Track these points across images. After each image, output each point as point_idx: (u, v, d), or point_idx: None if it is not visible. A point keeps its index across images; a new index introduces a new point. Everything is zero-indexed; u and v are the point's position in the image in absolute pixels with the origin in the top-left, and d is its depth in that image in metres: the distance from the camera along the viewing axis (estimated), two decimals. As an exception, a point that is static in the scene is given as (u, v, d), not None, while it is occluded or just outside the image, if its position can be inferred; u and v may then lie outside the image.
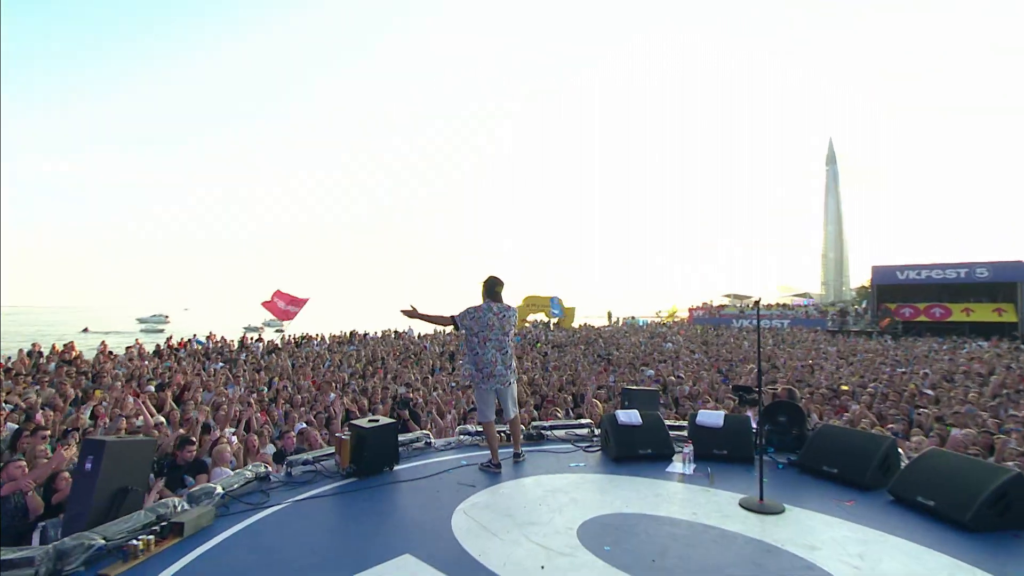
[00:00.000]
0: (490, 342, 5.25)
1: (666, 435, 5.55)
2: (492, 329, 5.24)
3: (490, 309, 5.27)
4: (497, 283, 5.40)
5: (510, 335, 5.38)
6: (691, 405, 9.19)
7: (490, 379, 5.26)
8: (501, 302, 5.37)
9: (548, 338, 24.18)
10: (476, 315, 5.27)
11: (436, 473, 5.08)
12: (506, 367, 5.28)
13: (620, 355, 17.22)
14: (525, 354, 18.87)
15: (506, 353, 5.30)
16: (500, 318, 5.27)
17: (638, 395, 6.99)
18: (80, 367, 12.85)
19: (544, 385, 12.40)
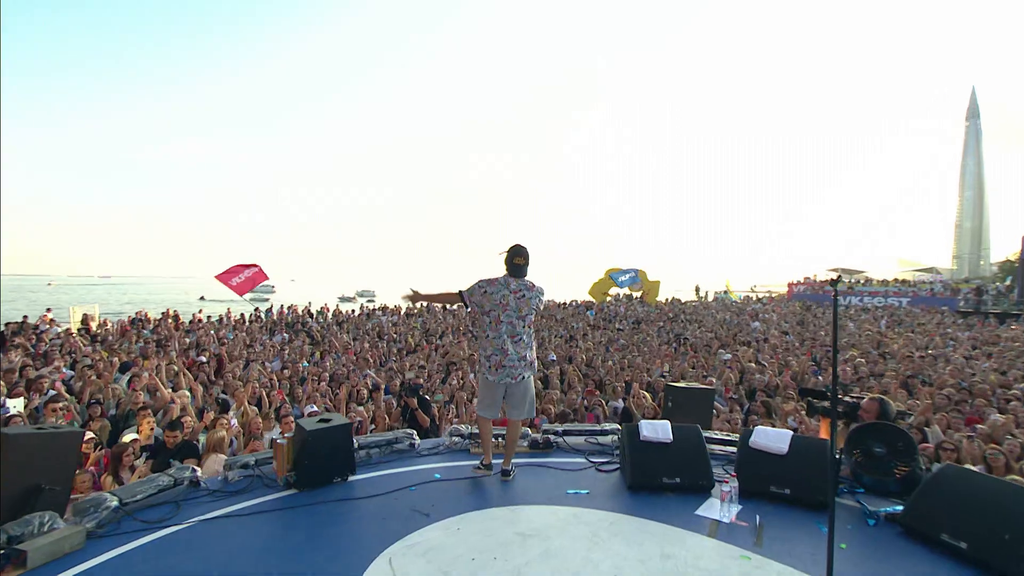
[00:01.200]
0: (502, 325, 4.11)
1: (704, 460, 3.99)
2: (505, 309, 4.11)
3: (506, 285, 4.15)
4: (519, 254, 4.19)
5: (528, 319, 4.20)
6: (766, 403, 7.35)
7: (498, 370, 4.12)
8: (523, 278, 4.21)
9: (625, 313, 22.35)
10: (489, 290, 4.15)
11: (395, 490, 3.95)
12: (520, 358, 4.13)
13: (698, 335, 15.14)
14: (595, 330, 17.32)
15: (520, 341, 4.14)
16: (518, 297, 4.12)
17: (685, 395, 5.40)
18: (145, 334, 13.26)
19: (601, 367, 10.92)
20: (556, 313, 22.87)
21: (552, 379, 9.75)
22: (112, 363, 9.17)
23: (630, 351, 12.70)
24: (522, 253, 4.20)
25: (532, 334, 4.27)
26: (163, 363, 9.53)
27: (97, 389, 7.77)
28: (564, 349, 13.39)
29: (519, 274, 4.20)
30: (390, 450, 4.81)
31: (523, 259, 4.20)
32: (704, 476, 3.92)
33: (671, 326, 17.95)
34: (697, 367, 10.36)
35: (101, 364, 8.79)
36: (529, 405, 4.27)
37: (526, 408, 4.25)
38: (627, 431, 4.18)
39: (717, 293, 30.21)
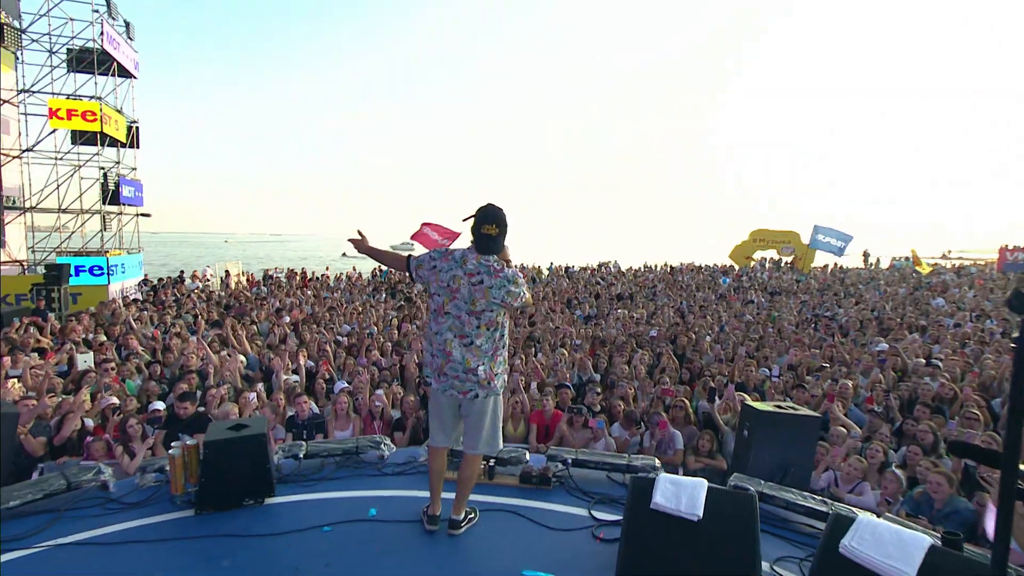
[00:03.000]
0: (446, 318, 2.89)
1: (753, 557, 2.40)
2: (454, 296, 2.87)
3: (461, 262, 2.89)
4: (489, 219, 2.86)
5: (487, 318, 2.86)
6: (932, 428, 5.08)
7: (440, 377, 2.91)
8: (492, 255, 2.89)
9: (764, 281, 19.16)
10: (439, 265, 2.94)
11: (306, 529, 2.99)
12: (468, 370, 2.86)
13: (852, 314, 12.04)
14: (721, 302, 14.88)
15: (471, 346, 2.86)
16: (472, 283, 2.84)
17: (771, 424, 3.65)
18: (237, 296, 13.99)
19: (709, 351, 8.98)
20: (683, 278, 20.43)
21: (639, 366, 8.14)
22: (200, 324, 9.59)
23: (754, 332, 10.40)
24: (494, 218, 2.84)
25: (498, 340, 2.92)
26: (238, 324, 9.75)
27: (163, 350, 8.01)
28: (675, 325, 11.48)
29: (487, 249, 2.87)
30: (344, 461, 3.87)
31: (495, 228, 2.83)
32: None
33: (818, 301, 14.73)
34: (836, 360, 7.95)
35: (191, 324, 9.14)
36: (488, 436, 2.98)
37: (483, 439, 2.98)
38: (633, 488, 2.71)
39: (895, 260, 24.85)
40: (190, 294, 13.43)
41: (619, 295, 16.05)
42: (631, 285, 18.33)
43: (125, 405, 5.91)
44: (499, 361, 2.92)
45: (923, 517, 3.83)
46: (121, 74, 16.11)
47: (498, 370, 2.91)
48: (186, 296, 13.06)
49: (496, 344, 2.89)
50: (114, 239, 16.81)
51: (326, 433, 5.85)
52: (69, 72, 15.13)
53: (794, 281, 19.06)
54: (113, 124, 14.85)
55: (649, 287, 17.83)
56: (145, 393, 6.55)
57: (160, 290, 14.40)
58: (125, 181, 16.19)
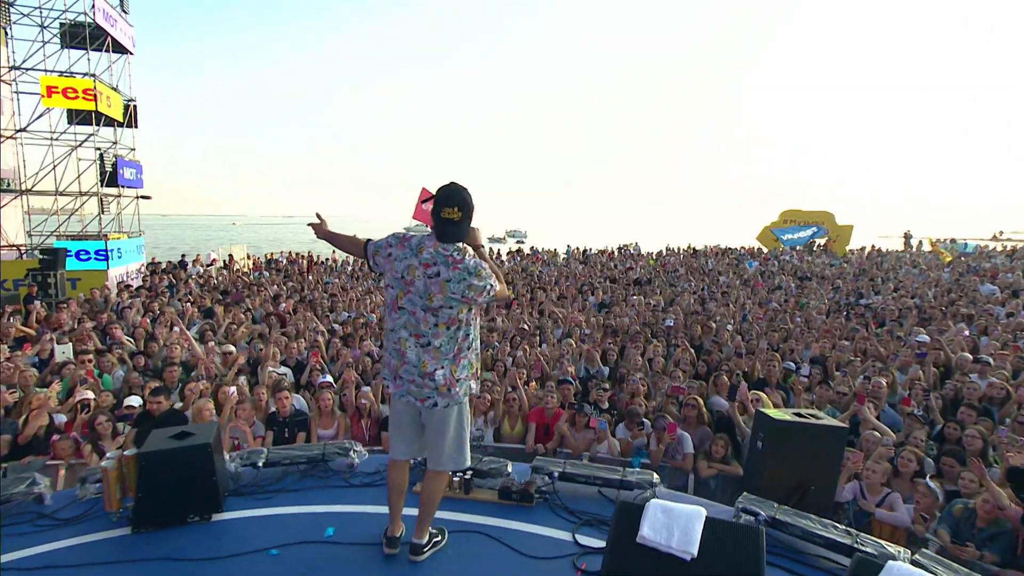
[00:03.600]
0: (400, 314, 2.59)
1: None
2: (408, 289, 2.56)
3: (416, 250, 2.56)
4: (448, 201, 2.52)
5: (446, 315, 2.54)
6: (982, 434, 4.65)
7: (397, 381, 2.63)
8: (450, 244, 2.55)
9: (795, 266, 18.47)
10: (392, 253, 2.63)
11: (250, 552, 2.74)
12: (424, 375, 2.56)
13: (890, 301, 11.39)
14: (745, 287, 14.33)
15: (427, 347, 2.55)
16: (428, 274, 2.51)
17: (788, 435, 3.28)
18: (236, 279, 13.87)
19: (730, 343, 8.55)
20: (706, 262, 19.85)
21: (656, 358, 7.76)
22: (192, 312, 9.47)
23: (780, 321, 9.91)
24: (455, 200, 2.50)
25: (462, 341, 2.60)
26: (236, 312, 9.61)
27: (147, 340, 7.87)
28: (694, 314, 11.05)
29: (447, 236, 2.53)
30: (319, 470, 3.61)
31: (457, 211, 2.49)
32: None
33: (852, 287, 14.08)
34: (869, 354, 7.46)
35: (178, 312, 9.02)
36: (452, 450, 2.68)
37: (445, 453, 2.68)
38: (619, 516, 2.39)
39: (938, 241, 23.83)
40: (187, 280, 13.36)
41: (637, 280, 15.60)
42: (650, 270, 17.84)
43: (100, 400, 5.77)
44: (462, 365, 2.60)
45: (970, 545, 3.45)
46: (116, 50, 15.96)
47: (461, 375, 2.60)
48: (183, 282, 12.99)
49: (459, 345, 2.58)
50: (114, 222, 16.85)
51: (309, 432, 5.65)
52: (62, 48, 15.04)
53: (827, 265, 18.34)
54: (107, 102, 14.74)
55: (670, 271, 17.32)
56: (127, 386, 6.43)
57: (156, 275, 14.39)
58: (123, 162, 16.15)
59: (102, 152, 15.63)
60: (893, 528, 4.07)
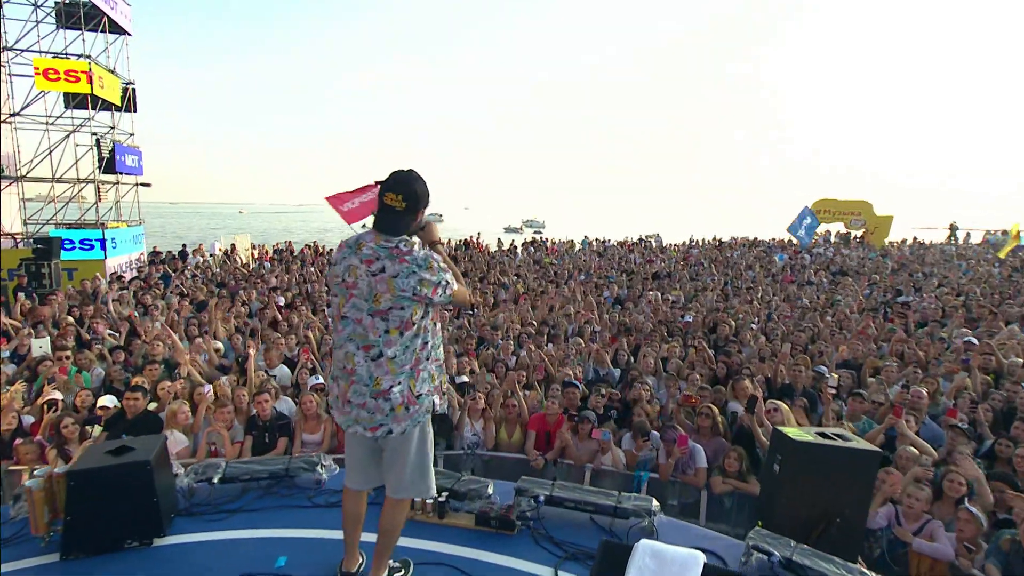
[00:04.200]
0: (345, 324, 2.33)
1: None
2: (351, 293, 2.29)
3: (356, 248, 2.31)
4: (394, 187, 2.26)
5: (397, 318, 2.28)
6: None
7: (345, 407, 2.37)
8: (394, 237, 2.29)
9: (828, 259, 17.85)
10: (334, 257, 2.45)
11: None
12: (377, 394, 2.29)
13: (931, 299, 10.80)
14: (774, 283, 13.85)
15: (379, 359, 2.28)
16: (371, 272, 2.24)
17: (811, 458, 2.94)
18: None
19: (751, 343, 8.16)
20: (731, 254, 19.32)
21: (672, 358, 7.42)
22: (183, 305, 9.34)
23: (809, 320, 9.45)
24: (399, 186, 2.24)
25: (420, 349, 2.33)
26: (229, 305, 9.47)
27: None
28: (715, 311, 10.64)
29: (389, 227, 2.27)
30: (282, 486, 3.38)
31: (400, 199, 2.23)
32: None
33: (891, 282, 13.49)
34: (909, 359, 7.01)
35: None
36: (413, 476, 2.42)
37: (406, 481, 2.42)
38: (602, 558, 2.10)
39: (989, 234, 22.92)
40: (182, 271, 13.31)
41: (655, 274, 15.19)
42: (671, 262, 17.40)
43: (76, 399, 5.64)
44: (422, 377, 2.33)
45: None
46: (113, 30, 15.91)
47: (421, 390, 2.33)
48: (178, 273, 12.93)
49: (417, 355, 2.31)
50: (112, 211, 16.90)
51: (292, 437, 5.45)
52: (57, 28, 15.02)
53: (864, 259, 17.70)
54: (100, 83, 14.70)
55: (692, 265, 16.86)
56: (106, 384, 6.31)
57: (154, 266, 14.39)
58: (122, 148, 16.15)
59: (99, 137, 15.63)
60: (933, 561, 3.72)
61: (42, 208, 15.82)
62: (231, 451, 5.05)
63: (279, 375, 6.78)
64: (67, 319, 8.00)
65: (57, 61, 14.04)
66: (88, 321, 8.08)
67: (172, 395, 5.58)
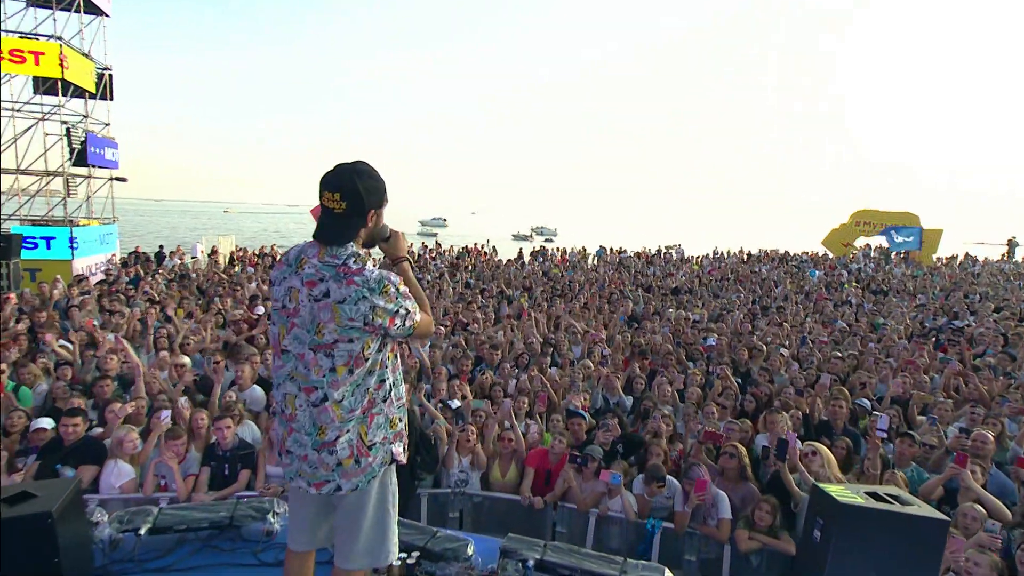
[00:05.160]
0: (286, 359, 2.07)
1: None
2: (291, 321, 2.04)
3: (296, 264, 2.06)
4: (332, 184, 1.98)
5: (344, 353, 2.00)
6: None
7: (285, 457, 2.12)
8: (336, 249, 2.02)
9: (873, 277, 17.44)
10: (273, 276, 2.17)
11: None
12: (320, 445, 2.01)
13: (989, 324, 10.37)
14: (807, 302, 13.47)
15: (322, 399, 1.99)
16: (313, 295, 1.99)
17: (854, 523, 2.61)
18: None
19: (783, 371, 7.82)
20: (760, 269, 18.95)
21: (691, 388, 7.05)
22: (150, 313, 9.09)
23: (849, 346, 9.08)
24: (338, 183, 1.96)
25: (376, 390, 2.05)
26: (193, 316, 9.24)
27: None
28: (741, 333, 10.30)
29: (332, 237, 2.00)
30: (225, 538, 3.08)
31: (339, 200, 1.95)
32: None
33: (941, 303, 13.09)
34: (967, 395, 6.62)
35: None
36: (370, 542, 2.12)
37: (359, 548, 2.12)
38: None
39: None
40: (155, 274, 13.11)
41: (675, 289, 14.86)
42: (693, 277, 17.09)
43: (9, 421, 5.37)
44: (377, 423, 2.05)
45: None
46: (89, 10, 15.86)
47: (375, 438, 2.05)
48: (150, 276, 12.73)
49: (371, 395, 2.03)
50: (84, 207, 16.80)
51: (255, 469, 5.15)
52: (27, 7, 14.99)
53: (909, 277, 17.27)
54: (76, 68, 14.64)
55: (716, 280, 16.52)
56: (49, 403, 6.05)
57: (125, 268, 14.22)
58: (95, 139, 16.07)
59: (70, 127, 15.55)
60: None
61: (4, 202, 15.71)
62: (183, 486, 4.76)
63: (251, 397, 6.50)
64: (17, 328, 7.78)
65: (25, 41, 14.00)
66: (38, 329, 7.85)
67: (122, 419, 5.30)
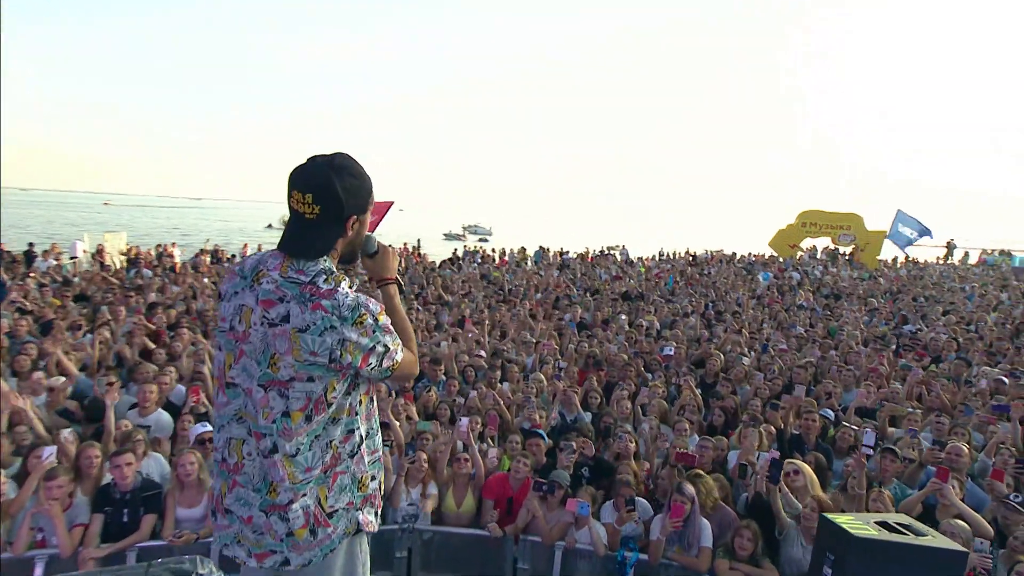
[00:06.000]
0: (232, 395, 1.77)
1: None
2: (240, 348, 1.77)
3: (252, 277, 1.79)
4: (303, 182, 1.72)
5: (300, 391, 1.71)
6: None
7: (223, 518, 1.82)
8: (323, 268, 1.76)
9: (817, 279, 18.25)
10: (224, 290, 1.89)
11: None
12: (272, 505, 1.72)
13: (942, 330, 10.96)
14: (760, 307, 13.91)
15: (271, 450, 1.71)
16: (268, 317, 1.71)
17: (872, 558, 2.57)
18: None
19: (746, 382, 7.95)
20: (709, 271, 19.49)
21: (653, 402, 7.01)
22: (20, 325, 8.30)
23: (808, 352, 9.36)
24: (314, 180, 1.70)
25: (342, 441, 1.79)
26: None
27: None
28: (699, 340, 10.45)
29: (300, 248, 1.75)
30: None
31: (307, 200, 1.69)
32: None
33: (890, 307, 13.80)
34: (929, 403, 6.88)
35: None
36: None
37: None
38: None
39: (986, 253, 24.17)
40: (24, 278, 12.08)
41: (625, 294, 15.01)
42: (640, 279, 17.36)
43: None
44: (340, 486, 1.80)
45: None
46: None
47: (337, 504, 1.79)
48: (19, 280, 11.70)
49: (335, 450, 1.77)
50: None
51: (162, 512, 4.70)
52: None
53: (857, 280, 18.16)
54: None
55: (666, 283, 16.84)
56: None
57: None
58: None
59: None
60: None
61: None
62: (67, 540, 4.25)
63: (155, 424, 6.01)
64: None
65: None
66: None
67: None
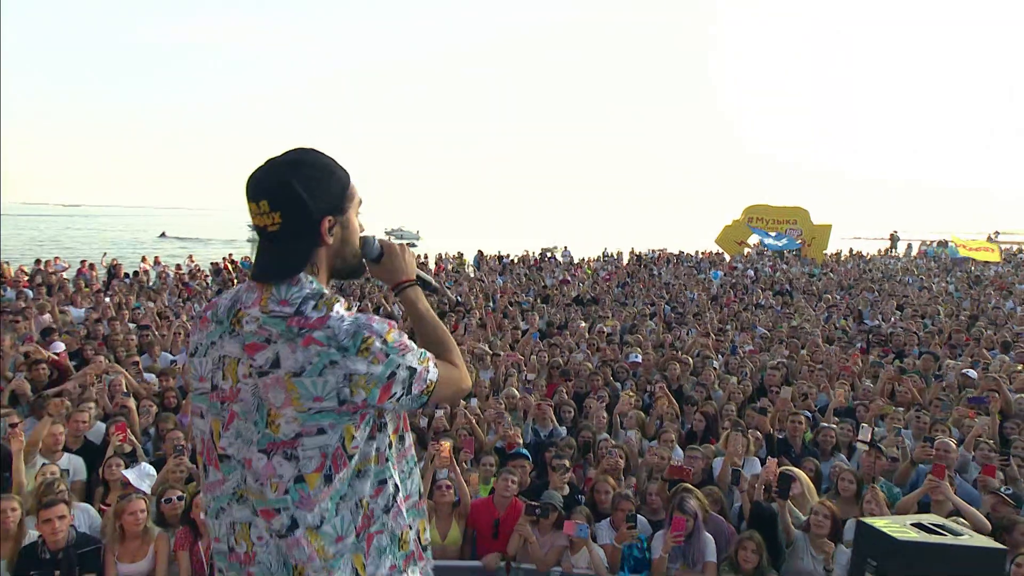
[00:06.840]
0: (226, 468, 1.61)
1: None
2: (230, 410, 1.57)
3: (229, 319, 1.61)
4: (263, 191, 1.56)
5: (312, 448, 1.52)
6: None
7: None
8: (310, 293, 1.57)
9: (772, 276, 19.10)
10: (198, 341, 1.70)
11: None
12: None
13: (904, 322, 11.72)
14: (715, 306, 14.44)
15: (290, 528, 1.55)
16: (256, 366, 1.52)
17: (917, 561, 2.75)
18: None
19: (717, 386, 8.27)
20: (658, 271, 20.07)
21: (628, 412, 7.19)
22: None
23: (775, 352, 9.82)
24: (269, 183, 1.57)
25: (372, 497, 1.63)
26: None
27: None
28: (662, 345, 10.76)
29: (272, 270, 1.60)
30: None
31: (265, 208, 1.55)
32: None
33: (846, 302, 14.62)
34: (902, 400, 7.38)
35: None
36: None
37: None
38: None
39: (926, 244, 25.86)
40: None
41: (578, 298, 15.28)
42: (589, 283, 17.71)
43: None
44: (378, 548, 1.64)
45: None
46: None
47: (381, 569, 1.64)
48: None
49: (368, 509, 1.62)
50: None
51: (102, 570, 4.45)
52: None
53: (807, 276, 19.10)
54: None
55: (617, 285, 17.25)
56: None
57: None
58: None
59: None
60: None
61: None
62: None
63: (72, 469, 5.69)
64: None
65: None
66: None
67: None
